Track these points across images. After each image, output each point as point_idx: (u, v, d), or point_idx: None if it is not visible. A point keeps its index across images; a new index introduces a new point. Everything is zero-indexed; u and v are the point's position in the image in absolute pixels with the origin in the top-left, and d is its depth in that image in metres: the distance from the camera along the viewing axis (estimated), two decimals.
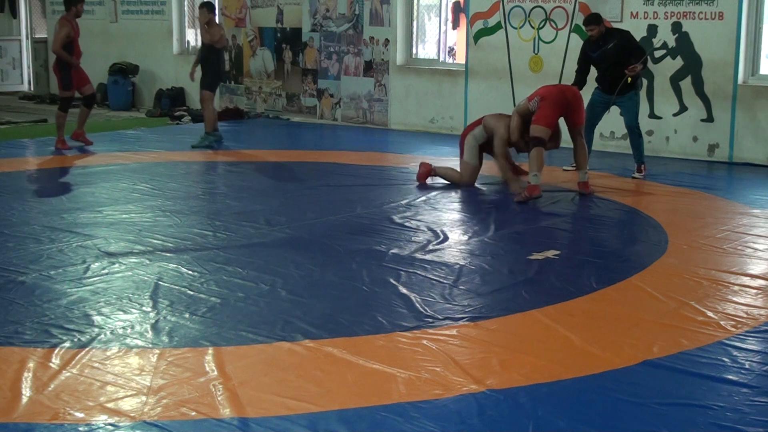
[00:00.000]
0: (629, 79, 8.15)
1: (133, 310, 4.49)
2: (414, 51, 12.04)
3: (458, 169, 8.06)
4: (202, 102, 10.22)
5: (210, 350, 3.95)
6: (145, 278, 5.02)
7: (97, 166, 9.09)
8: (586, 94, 8.34)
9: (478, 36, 11.09)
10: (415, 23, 11.98)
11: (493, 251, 5.80)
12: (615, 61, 8.17)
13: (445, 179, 8.05)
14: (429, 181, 8.03)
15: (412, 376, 3.71)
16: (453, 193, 7.77)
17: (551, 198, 7.53)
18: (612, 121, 10.07)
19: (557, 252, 5.71)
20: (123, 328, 4.23)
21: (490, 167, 8.55)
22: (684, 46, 9.56)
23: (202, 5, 10.24)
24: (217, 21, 10.71)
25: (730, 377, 3.76)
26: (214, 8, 10.62)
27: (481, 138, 7.93)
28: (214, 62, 10.14)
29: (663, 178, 8.47)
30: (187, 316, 4.41)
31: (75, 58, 9.84)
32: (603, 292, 4.94)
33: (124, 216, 6.61)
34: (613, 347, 4.08)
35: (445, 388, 3.61)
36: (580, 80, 8.47)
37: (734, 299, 4.80)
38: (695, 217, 6.80)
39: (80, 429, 3.23)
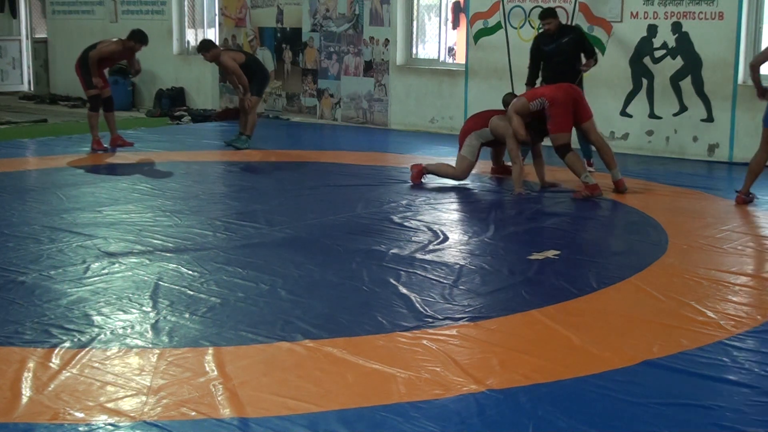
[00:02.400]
0: (582, 75, 8.39)
1: (133, 310, 4.49)
2: (414, 51, 12.04)
3: (449, 164, 8.13)
4: (250, 107, 10.16)
5: (210, 350, 3.95)
6: (145, 278, 5.02)
7: (97, 166, 9.09)
8: None
9: (478, 36, 11.09)
10: (415, 23, 11.98)
11: (493, 251, 5.80)
12: (569, 55, 8.34)
13: (438, 175, 8.07)
14: (424, 180, 8.03)
15: (412, 376, 3.71)
16: (453, 193, 7.77)
17: (551, 198, 7.53)
18: (612, 120, 10.09)
19: (557, 252, 5.71)
20: (123, 328, 4.23)
21: (485, 166, 8.56)
22: (684, 46, 9.57)
23: (197, 50, 10.27)
24: (223, 51, 10.33)
25: (730, 377, 3.76)
26: (208, 45, 10.14)
27: (486, 138, 7.97)
28: (256, 69, 10.12)
29: (663, 178, 8.47)
30: (187, 316, 4.42)
31: (99, 72, 9.83)
32: (603, 292, 4.94)
33: (124, 216, 6.61)
34: (613, 347, 4.08)
35: (445, 388, 3.61)
36: (533, 77, 8.65)
37: (734, 299, 4.80)
38: (695, 217, 6.80)
39: (80, 429, 3.23)
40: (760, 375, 3.79)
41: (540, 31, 8.80)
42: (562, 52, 8.36)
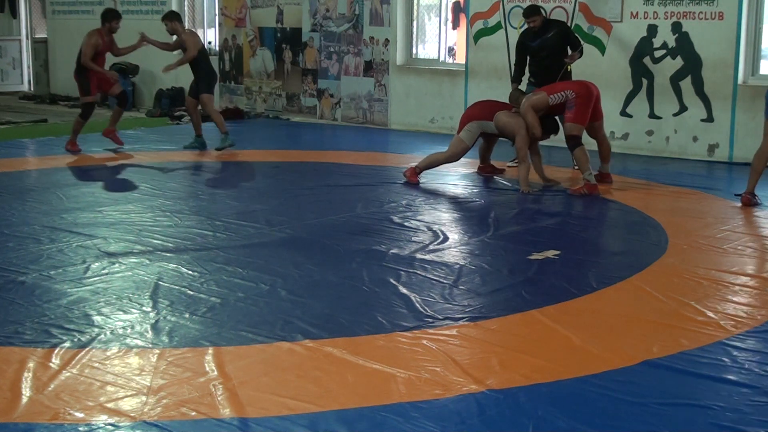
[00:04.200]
0: (569, 67, 8.46)
1: (133, 310, 4.49)
2: (414, 51, 12.04)
3: (438, 152, 8.16)
4: (204, 107, 9.90)
5: (210, 350, 3.95)
6: (145, 278, 5.02)
7: (97, 166, 9.09)
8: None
9: (478, 36, 11.09)
10: (415, 23, 11.99)
11: (493, 251, 5.80)
12: (555, 50, 8.43)
13: (433, 167, 8.09)
14: (420, 178, 8.01)
15: (412, 376, 3.71)
16: (453, 193, 7.77)
17: (551, 198, 7.53)
18: (612, 120, 10.08)
19: (557, 252, 5.71)
20: (123, 328, 4.24)
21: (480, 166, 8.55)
22: (684, 46, 9.57)
23: (162, 18, 10.03)
24: (185, 27, 10.15)
25: (730, 377, 3.77)
26: (171, 16, 9.96)
27: (487, 130, 8.02)
28: (203, 66, 9.85)
29: (663, 178, 8.47)
30: (187, 316, 4.42)
31: (103, 71, 9.76)
32: (603, 292, 4.94)
33: (124, 216, 6.61)
34: (613, 347, 4.08)
35: (445, 388, 3.61)
36: (520, 73, 8.75)
37: (734, 299, 4.80)
38: (695, 217, 6.80)
39: (80, 429, 3.23)
40: (760, 375, 3.79)
41: (524, 27, 8.85)
42: (547, 47, 8.44)
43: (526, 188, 7.60)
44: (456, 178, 8.37)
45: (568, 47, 8.49)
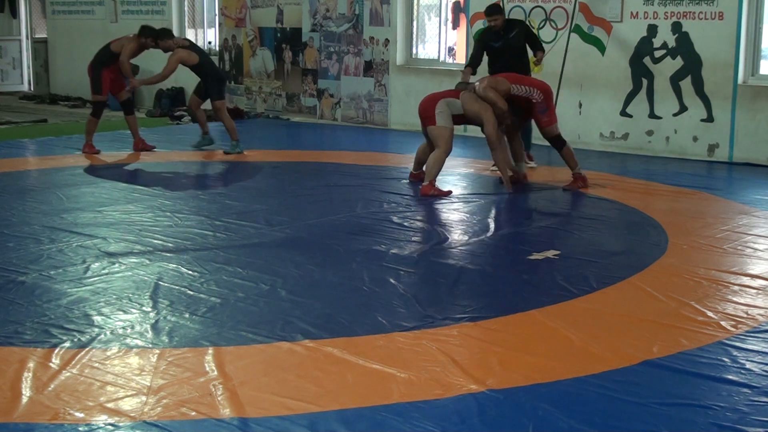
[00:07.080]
0: (536, 67, 8.50)
1: (133, 310, 4.49)
2: (414, 51, 12.04)
3: (432, 155, 7.58)
4: (217, 112, 9.76)
5: (210, 350, 3.95)
6: (145, 278, 5.02)
7: (97, 166, 9.09)
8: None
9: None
10: (415, 23, 11.99)
11: (493, 251, 5.80)
12: (518, 50, 8.43)
13: (441, 168, 7.93)
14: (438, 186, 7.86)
15: (412, 376, 3.71)
16: (453, 193, 7.76)
17: (551, 198, 7.53)
18: (612, 120, 10.09)
19: (557, 252, 5.71)
20: (123, 328, 4.24)
21: (485, 165, 8.55)
22: (684, 46, 9.57)
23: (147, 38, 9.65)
24: (173, 42, 9.76)
25: (730, 377, 3.76)
26: (148, 32, 9.69)
27: (455, 110, 7.65)
28: (210, 71, 9.76)
29: (663, 178, 8.47)
30: (187, 316, 4.42)
31: (115, 74, 9.77)
32: (603, 292, 4.94)
33: (124, 216, 6.61)
34: (613, 347, 4.08)
35: (445, 388, 3.61)
36: (477, 61, 8.57)
37: (734, 299, 4.80)
38: (695, 217, 6.80)
39: (80, 429, 3.23)
40: (760, 375, 3.79)
41: (485, 26, 8.82)
42: (511, 47, 8.42)
43: (505, 175, 7.53)
44: (456, 179, 8.36)
45: (528, 46, 8.48)
